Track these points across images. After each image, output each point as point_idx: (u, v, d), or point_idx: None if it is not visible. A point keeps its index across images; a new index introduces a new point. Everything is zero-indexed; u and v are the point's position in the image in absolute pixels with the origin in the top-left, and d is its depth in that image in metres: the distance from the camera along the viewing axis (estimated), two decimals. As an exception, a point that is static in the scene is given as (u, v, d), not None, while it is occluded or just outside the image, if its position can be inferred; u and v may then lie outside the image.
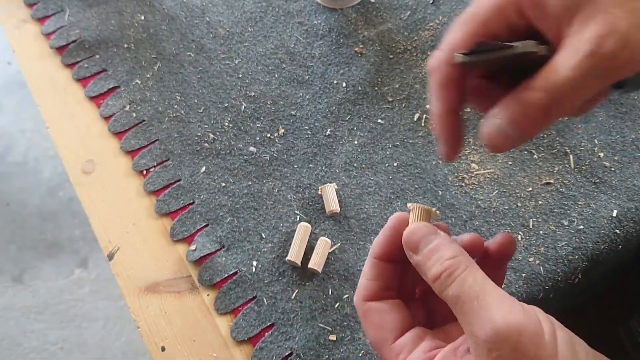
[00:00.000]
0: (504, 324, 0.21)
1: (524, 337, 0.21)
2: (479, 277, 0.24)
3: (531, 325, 0.21)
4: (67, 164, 0.53)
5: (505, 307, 0.22)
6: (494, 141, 0.24)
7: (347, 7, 0.60)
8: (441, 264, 0.25)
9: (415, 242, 0.26)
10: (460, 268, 0.24)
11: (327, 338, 0.45)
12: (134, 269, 0.49)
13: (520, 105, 0.23)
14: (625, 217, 0.48)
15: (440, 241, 0.26)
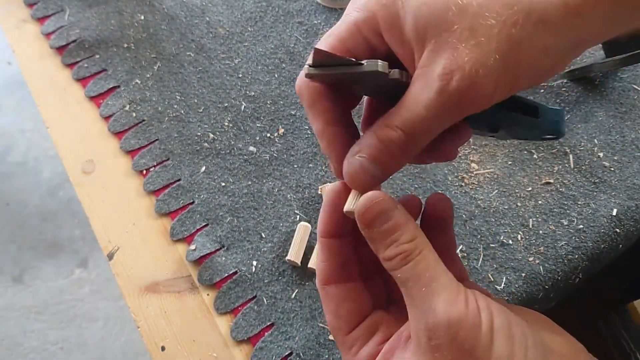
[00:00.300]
0: (444, 315, 0.22)
1: (462, 330, 0.21)
2: (431, 262, 0.24)
3: (470, 317, 0.22)
4: (67, 164, 0.53)
5: (449, 297, 0.22)
6: (359, 180, 0.24)
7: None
8: (396, 246, 0.24)
9: (371, 218, 0.24)
10: (415, 252, 0.24)
11: (327, 338, 0.45)
12: (134, 268, 0.49)
13: (381, 144, 0.23)
14: (625, 216, 0.48)
15: (398, 220, 0.24)
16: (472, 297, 0.23)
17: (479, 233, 0.48)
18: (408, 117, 0.22)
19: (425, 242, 0.24)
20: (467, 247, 0.47)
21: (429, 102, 0.21)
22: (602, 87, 0.54)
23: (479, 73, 0.21)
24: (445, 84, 0.21)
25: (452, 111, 0.22)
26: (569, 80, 0.55)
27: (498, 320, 0.22)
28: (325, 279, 0.27)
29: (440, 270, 0.24)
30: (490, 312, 0.22)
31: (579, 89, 0.54)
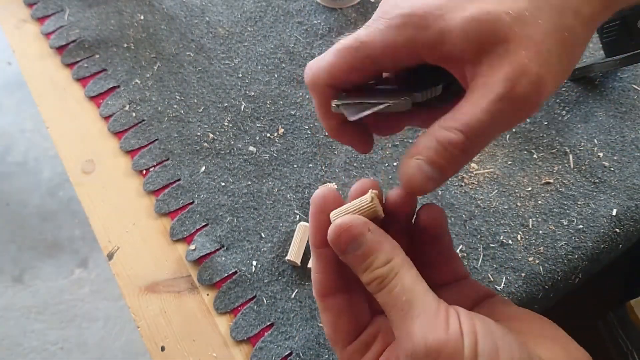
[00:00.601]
0: (422, 342, 0.21)
1: (441, 355, 0.21)
2: (407, 284, 0.23)
3: (450, 343, 0.21)
4: (67, 164, 0.53)
5: (427, 322, 0.22)
6: (417, 182, 0.23)
7: (347, 6, 0.60)
8: (371, 272, 0.23)
9: (342, 246, 0.24)
10: (390, 276, 0.23)
11: (327, 338, 0.45)
12: (134, 268, 0.49)
13: (441, 146, 0.23)
14: (625, 216, 0.48)
15: (370, 245, 0.23)
16: (454, 319, 0.22)
17: (479, 233, 0.48)
18: (468, 121, 0.22)
19: (401, 263, 0.23)
20: (467, 247, 0.47)
21: (491, 107, 0.22)
22: (602, 87, 0.54)
23: (544, 78, 0.22)
24: (510, 90, 0.21)
25: (515, 115, 0.22)
26: (569, 80, 0.55)
27: (483, 345, 0.21)
28: (323, 291, 0.26)
29: (418, 292, 0.23)
30: (474, 336, 0.21)
31: (579, 89, 0.54)
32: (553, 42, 0.22)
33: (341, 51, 0.24)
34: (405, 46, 0.23)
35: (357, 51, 0.24)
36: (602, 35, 0.51)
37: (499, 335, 0.22)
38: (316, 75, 0.25)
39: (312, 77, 0.26)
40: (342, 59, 0.25)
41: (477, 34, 0.22)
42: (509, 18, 0.21)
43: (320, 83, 0.25)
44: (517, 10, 0.21)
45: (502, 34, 0.21)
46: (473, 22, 0.22)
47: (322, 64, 0.25)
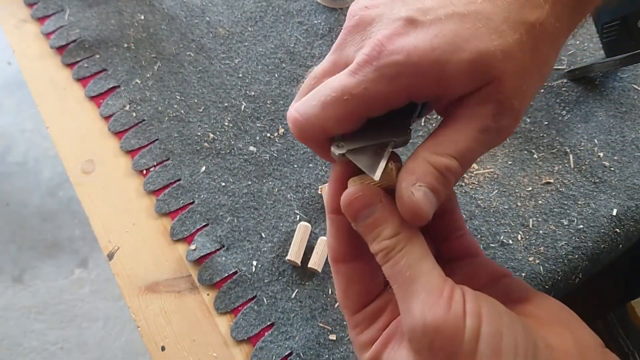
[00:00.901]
0: (420, 320, 0.21)
1: (439, 337, 0.21)
2: (413, 260, 0.23)
3: (450, 322, 0.20)
4: (67, 164, 0.53)
5: (428, 300, 0.21)
6: (425, 211, 0.23)
7: (347, 6, 0.60)
8: (378, 242, 0.23)
9: (353, 213, 0.24)
10: (396, 249, 0.23)
11: (327, 337, 0.45)
12: (134, 268, 0.49)
13: (439, 173, 0.23)
14: (626, 216, 0.48)
15: (380, 215, 0.23)
16: (458, 299, 0.21)
17: (479, 233, 0.48)
18: (460, 148, 0.23)
19: (409, 237, 0.23)
20: (467, 247, 0.47)
21: (480, 137, 0.23)
22: (602, 87, 0.54)
23: (522, 110, 0.24)
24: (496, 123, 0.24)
25: (495, 142, 0.25)
26: (569, 80, 0.55)
27: (486, 329, 0.21)
28: (336, 257, 0.26)
29: (423, 268, 0.22)
30: (478, 319, 0.21)
31: (579, 88, 0.54)
32: (531, 76, 0.24)
33: (328, 104, 0.23)
34: (399, 94, 0.23)
35: (347, 104, 0.23)
36: (602, 35, 0.51)
37: (506, 321, 0.21)
38: (304, 130, 0.24)
39: (300, 132, 0.25)
40: (330, 112, 0.24)
41: (474, 77, 0.23)
42: (501, 56, 0.22)
43: (309, 137, 0.25)
44: (506, 48, 0.22)
45: (495, 73, 0.23)
46: (471, 66, 0.22)
47: (309, 118, 0.24)
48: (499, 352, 0.20)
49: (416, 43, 0.22)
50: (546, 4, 0.23)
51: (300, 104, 0.25)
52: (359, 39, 0.25)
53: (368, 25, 0.24)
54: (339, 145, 0.25)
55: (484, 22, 0.22)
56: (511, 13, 0.23)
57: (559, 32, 0.24)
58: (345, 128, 0.24)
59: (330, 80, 0.24)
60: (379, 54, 0.23)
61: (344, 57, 0.25)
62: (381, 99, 0.23)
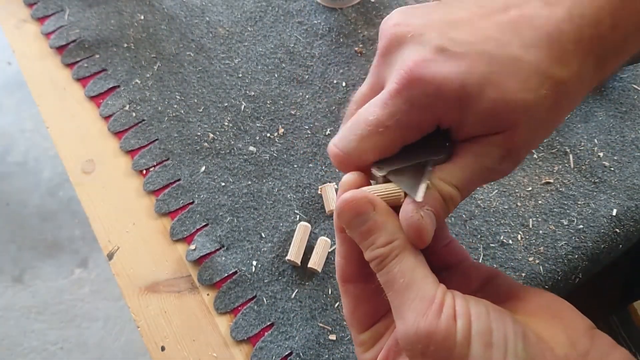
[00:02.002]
0: (413, 328, 0.21)
1: (432, 344, 0.21)
2: (407, 267, 0.23)
3: (442, 328, 0.21)
4: (67, 164, 0.53)
5: (420, 308, 0.22)
6: (429, 233, 0.23)
7: (347, 6, 0.60)
8: (372, 250, 0.24)
9: (347, 219, 0.24)
10: (390, 257, 0.23)
11: (327, 337, 0.45)
12: (134, 268, 0.49)
13: (443, 199, 0.24)
14: (625, 216, 0.48)
15: (373, 223, 0.24)
16: (449, 304, 0.22)
17: (479, 233, 0.48)
18: (464, 178, 0.24)
19: (403, 245, 0.24)
20: (467, 247, 0.47)
21: (482, 174, 0.24)
22: (602, 87, 0.54)
23: (524, 156, 0.25)
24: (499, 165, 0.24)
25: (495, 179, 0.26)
26: (569, 80, 0.55)
27: (476, 326, 0.21)
28: (344, 276, 0.27)
29: (417, 276, 0.23)
30: (467, 319, 0.21)
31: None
32: (544, 131, 0.25)
33: (365, 138, 0.24)
34: (430, 122, 0.24)
35: (382, 135, 0.24)
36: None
37: (493, 317, 0.22)
38: (346, 164, 0.25)
39: (342, 166, 0.26)
40: (367, 145, 0.24)
41: (491, 122, 0.23)
42: (523, 109, 0.23)
43: (351, 169, 0.26)
44: (529, 102, 0.23)
45: (512, 123, 0.23)
46: (492, 112, 0.23)
47: (349, 152, 0.25)
48: (490, 346, 0.21)
49: (447, 74, 0.23)
50: (574, 64, 0.23)
51: (339, 140, 0.26)
52: (391, 62, 0.25)
53: (399, 46, 0.25)
54: (379, 167, 0.25)
55: (513, 70, 0.22)
56: (541, 67, 0.22)
57: (580, 91, 0.24)
58: (383, 156, 0.25)
59: (364, 112, 0.25)
60: (410, 83, 0.23)
61: (381, 80, 0.26)
62: (414, 128, 0.24)
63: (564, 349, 0.22)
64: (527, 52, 0.22)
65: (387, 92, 0.24)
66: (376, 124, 0.24)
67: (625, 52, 0.24)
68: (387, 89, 0.24)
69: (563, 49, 0.22)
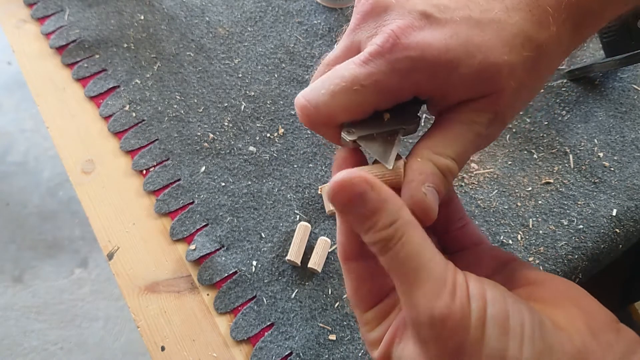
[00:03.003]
0: (426, 311, 0.20)
1: (446, 327, 0.20)
2: (414, 248, 0.21)
3: (456, 311, 0.20)
4: (67, 164, 0.53)
5: (433, 290, 0.20)
6: (433, 210, 0.23)
7: (347, 6, 0.60)
8: (375, 233, 0.21)
9: (343, 203, 0.21)
10: (395, 238, 0.21)
11: (327, 338, 0.45)
12: (134, 268, 0.49)
13: (442, 173, 0.23)
14: (625, 216, 0.48)
15: (374, 203, 0.21)
16: (462, 284, 0.21)
17: (479, 233, 0.48)
18: (458, 148, 0.24)
19: (407, 224, 0.22)
20: (467, 247, 0.47)
21: (475, 140, 0.24)
22: (602, 87, 0.54)
23: (509, 120, 0.26)
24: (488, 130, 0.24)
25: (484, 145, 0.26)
26: (569, 80, 0.55)
27: (492, 310, 0.20)
28: (345, 255, 0.25)
29: (425, 257, 0.21)
30: (482, 301, 0.20)
31: (579, 89, 0.54)
32: (526, 93, 0.25)
33: (338, 93, 0.23)
34: (408, 89, 0.24)
35: (356, 94, 0.23)
36: (602, 35, 0.51)
37: (510, 302, 0.21)
38: (312, 118, 0.24)
39: (308, 119, 0.24)
40: (339, 102, 0.23)
41: (478, 86, 0.23)
42: (507, 71, 0.23)
43: (316, 124, 0.25)
44: (513, 64, 0.23)
45: (498, 86, 0.23)
46: (479, 75, 0.23)
47: (318, 105, 0.24)
48: (506, 332, 0.20)
49: (431, 40, 0.22)
50: (554, 26, 0.23)
51: (308, 91, 0.24)
52: (372, 26, 0.24)
53: (382, 12, 0.24)
54: (349, 131, 0.24)
55: (497, 33, 0.23)
56: (523, 29, 0.23)
57: (558, 55, 0.24)
58: (354, 117, 0.24)
59: (340, 68, 0.23)
60: (393, 47, 0.22)
61: (356, 42, 0.25)
62: (391, 92, 0.23)
63: (582, 338, 0.21)
64: (509, 16, 0.23)
65: (367, 52, 0.23)
66: (352, 80, 0.23)
67: (602, 19, 0.25)
68: (368, 49, 0.23)
69: (543, 12, 0.23)
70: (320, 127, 0.25)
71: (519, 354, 0.20)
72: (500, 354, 0.20)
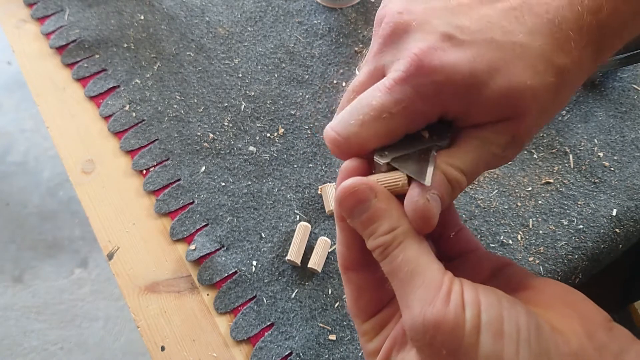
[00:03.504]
0: (419, 318, 0.20)
1: (440, 333, 0.20)
2: (411, 255, 0.22)
3: (450, 316, 0.20)
4: (67, 164, 0.53)
5: (427, 296, 0.21)
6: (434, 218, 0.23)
7: (347, 6, 0.60)
8: (375, 238, 0.23)
9: (348, 208, 0.23)
10: (393, 244, 0.22)
11: (327, 338, 0.45)
12: (134, 268, 0.49)
13: (449, 184, 0.23)
14: (625, 216, 0.48)
15: (375, 210, 0.23)
16: (457, 290, 0.21)
17: (479, 233, 0.48)
18: (470, 163, 0.24)
19: (406, 232, 0.23)
20: (467, 247, 0.47)
21: (488, 160, 0.24)
22: (602, 87, 0.54)
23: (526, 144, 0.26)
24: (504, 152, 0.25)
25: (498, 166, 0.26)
26: (569, 80, 0.55)
27: (486, 315, 0.20)
28: (345, 264, 0.26)
29: (421, 263, 0.22)
30: (477, 307, 0.20)
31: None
32: (547, 117, 0.25)
33: (367, 123, 0.23)
34: (436, 111, 0.24)
35: (386, 122, 0.23)
36: (602, 35, 0.51)
37: (505, 306, 0.21)
38: (344, 150, 0.24)
39: (340, 151, 0.25)
40: (369, 131, 0.23)
41: (501, 110, 0.23)
42: (530, 96, 0.23)
43: (349, 155, 0.25)
44: (536, 88, 0.23)
45: (520, 111, 0.23)
46: (502, 99, 0.23)
47: (348, 137, 0.24)
48: (501, 336, 0.20)
49: (454, 63, 0.22)
50: (576, 51, 0.23)
51: (337, 123, 0.24)
52: (395, 49, 0.24)
53: (403, 34, 0.24)
54: (382, 154, 0.24)
55: (520, 57, 0.22)
56: (546, 54, 0.22)
57: (579, 79, 0.24)
58: (385, 143, 0.24)
59: (367, 96, 0.24)
60: (417, 71, 0.22)
61: (379, 67, 0.25)
62: (419, 116, 0.24)
63: (579, 340, 0.21)
64: (532, 39, 0.22)
65: (392, 78, 0.23)
66: (380, 109, 0.23)
67: (621, 40, 0.25)
68: (392, 75, 0.23)
69: (565, 36, 0.22)
70: (353, 157, 0.25)
71: (515, 357, 0.20)
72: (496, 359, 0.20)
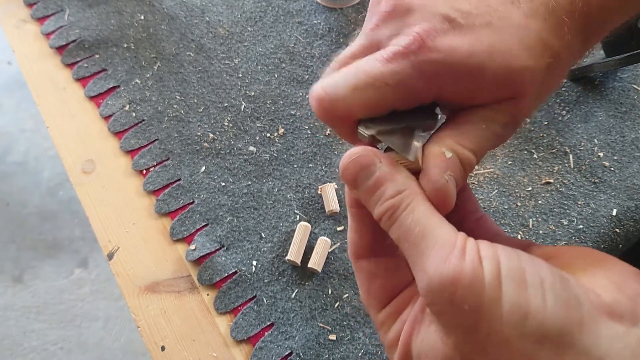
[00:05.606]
0: (436, 276, 0.19)
1: (459, 288, 0.19)
2: (421, 215, 0.21)
3: (467, 272, 0.19)
4: (67, 164, 0.54)
5: (441, 254, 0.20)
6: (453, 197, 0.23)
7: (347, 6, 0.60)
8: (381, 204, 0.22)
9: (353, 176, 0.23)
10: (402, 207, 0.22)
11: (327, 337, 0.45)
12: (134, 268, 0.49)
13: (461, 164, 0.23)
14: (625, 216, 0.48)
15: (380, 175, 0.22)
16: (472, 246, 0.20)
17: (479, 233, 0.48)
18: (478, 143, 0.24)
19: (414, 193, 0.22)
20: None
21: (494, 137, 0.24)
22: (602, 87, 0.54)
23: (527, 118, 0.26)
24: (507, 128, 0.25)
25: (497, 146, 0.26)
26: (569, 80, 0.55)
27: (506, 267, 0.19)
28: (357, 252, 0.25)
29: (432, 222, 0.21)
30: (495, 260, 0.19)
31: (579, 89, 0.54)
32: (541, 98, 0.25)
33: (360, 89, 0.23)
34: (430, 92, 0.23)
35: (379, 91, 0.23)
36: (602, 35, 0.51)
37: (525, 259, 0.20)
38: (328, 110, 0.24)
39: (323, 111, 0.24)
40: (360, 97, 0.23)
41: (501, 91, 0.23)
42: (529, 76, 0.23)
43: (331, 117, 0.24)
44: (534, 69, 0.23)
45: (520, 91, 0.23)
46: (502, 80, 0.23)
47: (336, 98, 0.23)
48: (525, 285, 0.19)
49: (456, 45, 0.22)
50: (567, 36, 0.23)
51: (328, 82, 0.24)
52: (395, 26, 0.24)
53: (405, 13, 0.24)
54: (367, 126, 0.24)
55: (518, 39, 0.23)
56: (542, 36, 0.23)
57: (569, 62, 0.25)
58: (371, 114, 0.24)
59: (363, 64, 0.23)
60: (419, 49, 0.22)
61: (375, 41, 0.25)
62: (413, 94, 0.23)
63: (610, 293, 0.20)
64: (528, 23, 0.23)
65: (390, 51, 0.23)
66: (376, 77, 0.22)
67: (606, 29, 0.25)
68: (392, 48, 0.23)
69: (559, 20, 0.23)
70: (335, 121, 0.24)
71: (542, 304, 0.18)
72: (522, 310, 0.18)
